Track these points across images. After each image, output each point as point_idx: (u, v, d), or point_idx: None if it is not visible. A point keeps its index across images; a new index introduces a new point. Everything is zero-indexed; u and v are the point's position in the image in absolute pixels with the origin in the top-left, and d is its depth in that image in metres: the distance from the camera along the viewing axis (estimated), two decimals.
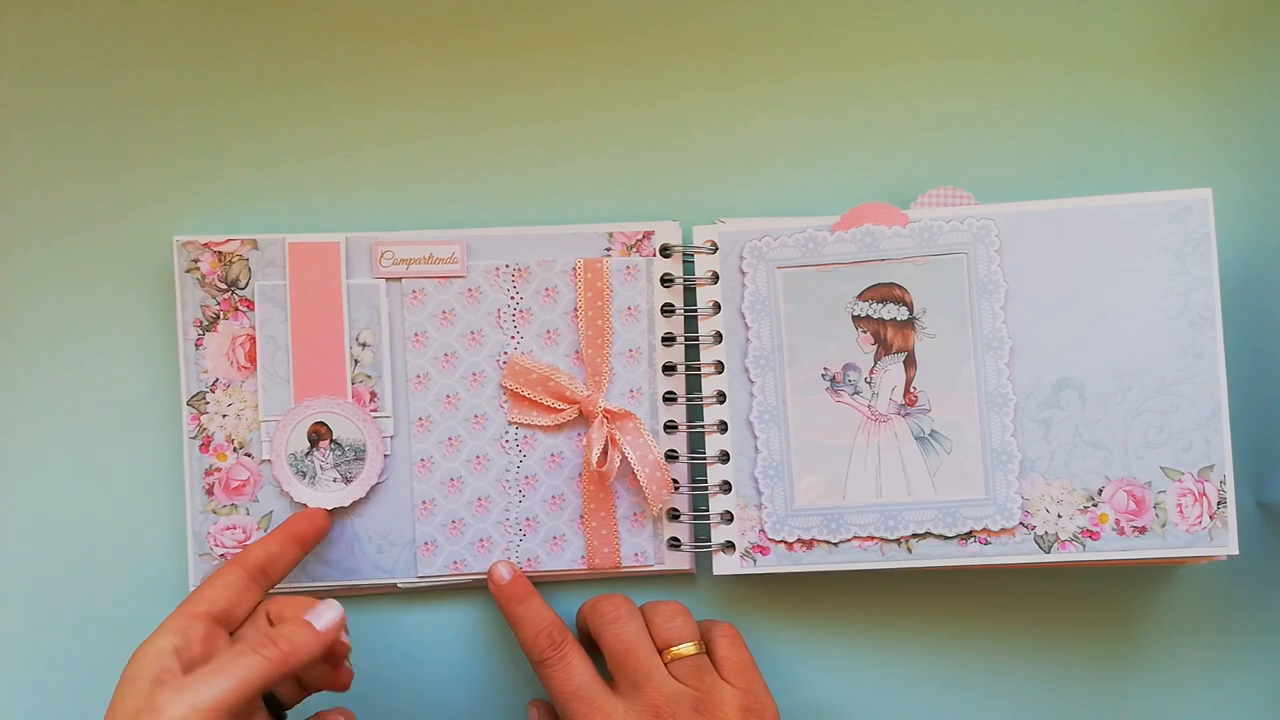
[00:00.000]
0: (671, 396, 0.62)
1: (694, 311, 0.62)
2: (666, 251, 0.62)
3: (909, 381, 0.61)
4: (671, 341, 0.62)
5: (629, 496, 0.62)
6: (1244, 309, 0.63)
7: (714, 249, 0.62)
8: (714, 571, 0.62)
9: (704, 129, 0.64)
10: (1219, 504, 0.59)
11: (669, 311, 0.62)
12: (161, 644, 0.51)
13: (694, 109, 0.64)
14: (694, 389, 0.63)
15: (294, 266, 0.61)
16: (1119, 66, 0.64)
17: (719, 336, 0.62)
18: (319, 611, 0.53)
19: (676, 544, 0.62)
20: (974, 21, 0.64)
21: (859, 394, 0.61)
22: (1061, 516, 0.60)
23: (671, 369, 0.62)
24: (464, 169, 0.64)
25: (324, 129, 0.63)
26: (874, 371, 0.61)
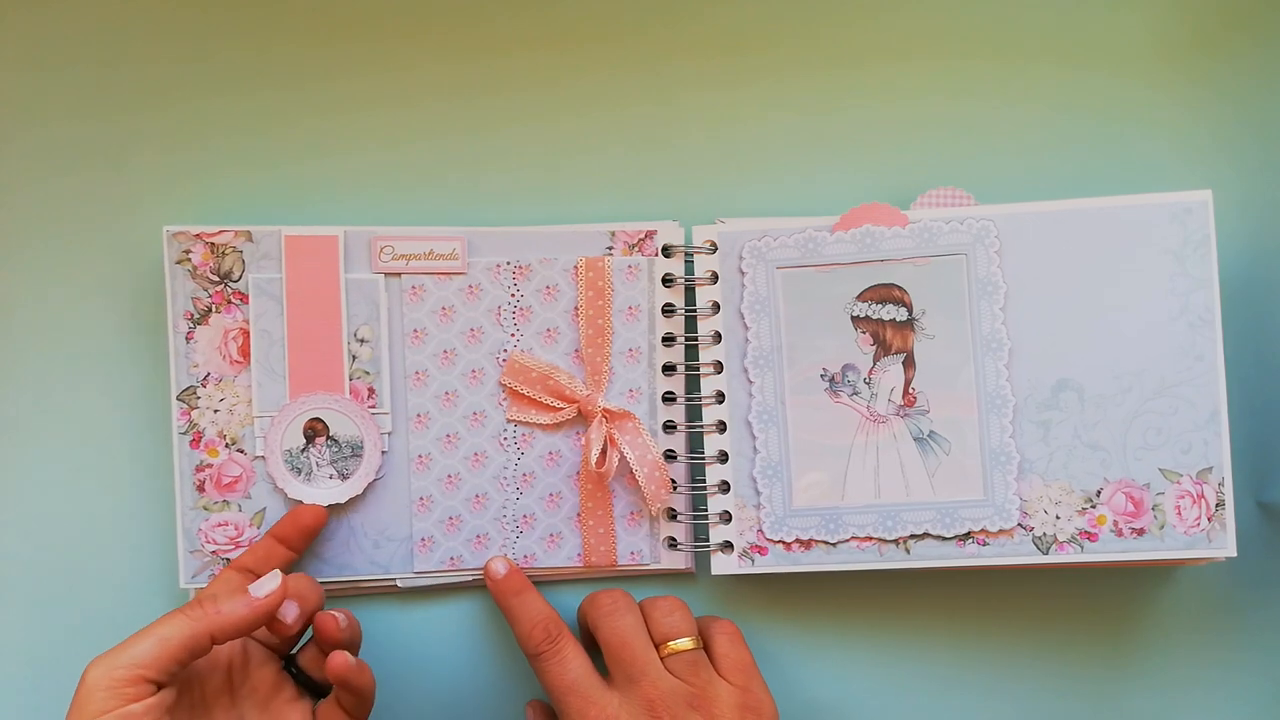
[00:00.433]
0: (671, 396, 0.62)
1: (694, 311, 0.62)
2: (668, 251, 0.62)
3: (908, 382, 0.61)
4: (671, 341, 0.62)
5: (626, 495, 0.62)
6: (1244, 310, 0.63)
7: (714, 249, 0.62)
8: (712, 571, 0.61)
9: (704, 129, 0.64)
10: (1217, 506, 0.59)
11: (669, 311, 0.62)
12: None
13: (694, 109, 0.64)
14: (693, 389, 0.63)
15: (290, 260, 0.61)
16: (1119, 66, 0.64)
17: (718, 336, 0.62)
18: (260, 582, 0.54)
19: (675, 543, 0.62)
20: (974, 21, 0.64)
21: (858, 394, 0.61)
22: (1060, 518, 0.60)
23: (671, 369, 0.62)
24: (464, 169, 0.64)
25: (324, 129, 0.63)
26: (873, 372, 0.61)
